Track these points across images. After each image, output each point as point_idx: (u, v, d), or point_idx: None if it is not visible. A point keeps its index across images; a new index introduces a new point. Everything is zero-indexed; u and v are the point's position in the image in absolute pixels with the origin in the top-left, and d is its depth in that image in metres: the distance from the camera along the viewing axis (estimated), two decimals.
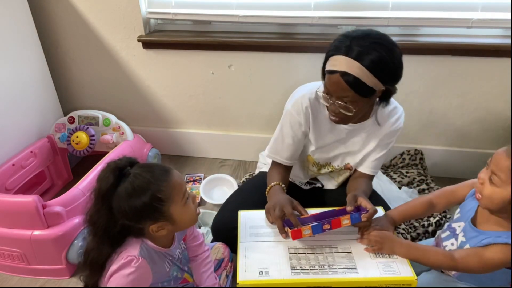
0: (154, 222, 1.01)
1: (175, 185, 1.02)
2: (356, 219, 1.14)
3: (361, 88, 1.12)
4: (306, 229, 1.13)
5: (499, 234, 0.97)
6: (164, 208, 1.00)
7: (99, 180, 0.99)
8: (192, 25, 2.03)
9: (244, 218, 1.28)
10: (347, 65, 1.10)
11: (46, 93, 2.01)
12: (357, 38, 1.11)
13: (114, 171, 0.98)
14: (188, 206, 1.05)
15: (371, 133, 1.36)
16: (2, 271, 1.59)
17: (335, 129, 1.36)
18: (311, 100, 1.32)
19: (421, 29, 1.84)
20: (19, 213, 1.46)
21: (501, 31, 1.76)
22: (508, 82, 1.78)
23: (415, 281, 1.05)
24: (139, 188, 0.97)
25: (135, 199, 0.97)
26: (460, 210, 1.14)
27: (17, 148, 1.83)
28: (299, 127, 1.35)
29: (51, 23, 2.02)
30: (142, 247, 1.04)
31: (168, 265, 1.12)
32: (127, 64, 2.08)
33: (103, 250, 1.01)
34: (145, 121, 2.25)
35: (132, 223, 1.00)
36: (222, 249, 1.36)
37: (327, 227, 1.14)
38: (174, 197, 1.01)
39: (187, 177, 2.10)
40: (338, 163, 1.45)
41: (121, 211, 0.97)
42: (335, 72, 1.12)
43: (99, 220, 0.99)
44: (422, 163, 2.01)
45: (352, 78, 1.10)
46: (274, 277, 1.06)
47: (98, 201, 0.99)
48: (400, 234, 1.57)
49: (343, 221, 1.14)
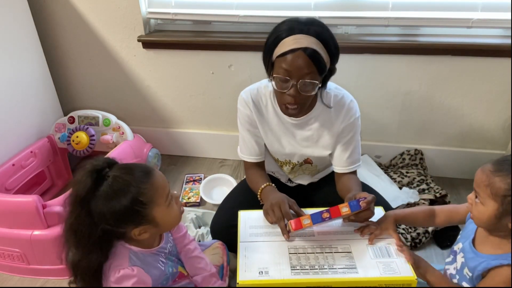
0: (136, 226, 0.96)
1: (158, 187, 0.97)
2: (355, 206, 1.13)
3: (321, 63, 1.15)
4: (305, 219, 1.13)
5: (495, 257, 0.96)
6: (146, 211, 0.95)
7: (75, 184, 0.93)
8: (192, 25, 2.03)
9: (244, 218, 1.28)
10: (307, 41, 1.13)
11: (46, 93, 2.01)
12: (302, 21, 1.17)
13: (91, 173, 0.92)
14: (171, 208, 1.01)
15: (323, 124, 1.34)
16: (2, 271, 1.59)
17: (281, 123, 1.37)
18: (252, 95, 1.37)
19: (421, 29, 1.84)
20: (19, 213, 1.46)
21: (501, 31, 1.75)
22: (508, 82, 1.78)
23: (415, 281, 1.05)
24: (119, 191, 0.92)
25: (115, 202, 0.92)
26: (461, 232, 1.13)
27: (17, 148, 1.83)
28: (249, 119, 1.39)
29: (51, 23, 2.02)
30: (130, 256, 1.00)
31: (162, 263, 1.09)
32: (127, 64, 2.08)
33: (92, 258, 0.95)
34: (145, 121, 2.25)
35: (113, 228, 0.95)
36: (221, 252, 1.34)
37: (326, 216, 1.13)
38: (156, 199, 0.97)
39: (187, 177, 2.10)
40: (297, 159, 1.45)
41: (101, 216, 0.92)
42: (296, 50, 1.13)
43: (79, 227, 0.93)
44: (422, 163, 2.01)
45: (315, 52, 1.13)
46: (274, 277, 1.06)
47: (76, 207, 0.93)
48: (400, 234, 1.57)
49: (342, 208, 1.13)
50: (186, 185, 2.05)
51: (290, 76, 1.16)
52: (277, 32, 1.18)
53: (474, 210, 0.98)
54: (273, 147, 1.43)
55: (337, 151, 1.38)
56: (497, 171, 0.92)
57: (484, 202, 0.94)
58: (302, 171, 1.51)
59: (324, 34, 1.16)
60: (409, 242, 1.59)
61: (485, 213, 0.95)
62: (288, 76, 1.17)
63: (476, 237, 1.04)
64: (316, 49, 1.13)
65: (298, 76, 1.15)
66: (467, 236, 1.06)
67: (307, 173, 1.52)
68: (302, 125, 1.36)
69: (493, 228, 0.98)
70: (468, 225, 1.09)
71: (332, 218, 1.14)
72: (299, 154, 1.42)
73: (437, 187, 1.85)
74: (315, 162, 1.45)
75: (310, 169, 1.49)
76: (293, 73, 1.16)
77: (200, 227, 1.72)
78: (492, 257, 0.97)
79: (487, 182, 0.93)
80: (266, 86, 1.37)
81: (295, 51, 1.13)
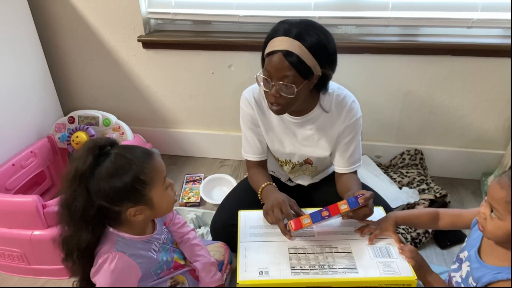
0: (133, 205, 0.98)
1: (158, 168, 1.00)
2: (353, 203, 1.13)
3: (302, 67, 1.13)
4: (305, 218, 1.13)
5: (500, 270, 0.95)
6: (145, 191, 0.97)
7: (75, 160, 0.94)
8: (192, 25, 2.03)
9: (244, 218, 1.28)
10: (288, 44, 1.12)
11: (46, 93, 2.01)
12: (294, 23, 1.16)
13: (93, 149, 0.94)
14: (167, 192, 1.04)
15: (323, 125, 1.35)
16: (2, 271, 1.59)
17: (282, 122, 1.38)
18: (255, 95, 1.37)
19: (421, 29, 1.84)
20: (19, 213, 1.46)
21: (501, 31, 1.75)
22: (508, 82, 1.78)
23: (415, 281, 1.05)
24: (121, 168, 0.94)
25: (116, 179, 0.93)
26: (467, 239, 1.12)
27: (17, 148, 1.83)
28: (251, 117, 1.40)
29: (51, 23, 2.02)
30: (117, 241, 1.01)
31: (154, 252, 1.09)
32: (127, 64, 2.08)
33: (81, 235, 0.96)
34: (145, 121, 2.25)
35: (110, 205, 0.96)
36: (223, 250, 1.35)
37: (326, 214, 1.13)
38: (155, 180, 0.99)
39: (187, 177, 2.10)
40: (297, 159, 1.45)
41: (100, 192, 0.93)
42: (276, 52, 1.13)
43: (74, 202, 0.94)
44: (422, 163, 2.01)
45: (294, 56, 1.12)
46: (274, 277, 1.06)
47: (73, 182, 0.94)
48: (400, 234, 1.57)
49: (341, 206, 1.13)
50: (186, 185, 2.05)
51: (270, 77, 1.17)
52: (271, 31, 1.19)
53: (489, 225, 0.94)
54: (274, 146, 1.43)
55: (338, 151, 1.38)
56: None
57: (502, 218, 0.91)
58: (303, 172, 1.52)
59: (312, 39, 1.13)
60: (409, 242, 1.59)
61: (502, 229, 0.92)
62: (268, 77, 1.18)
63: (482, 247, 1.03)
64: (298, 54, 1.11)
65: (277, 78, 1.16)
66: (473, 245, 1.04)
67: (307, 174, 1.52)
68: (302, 124, 1.36)
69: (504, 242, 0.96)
70: (473, 233, 1.08)
71: (331, 216, 1.14)
72: (299, 154, 1.42)
73: (437, 187, 1.85)
74: (315, 163, 1.45)
75: (310, 170, 1.50)
76: (272, 74, 1.16)
77: (200, 227, 1.72)
78: (497, 269, 0.95)
79: (508, 198, 0.89)
80: None
81: (275, 53, 1.13)
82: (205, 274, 1.20)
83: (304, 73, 1.15)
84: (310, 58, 1.13)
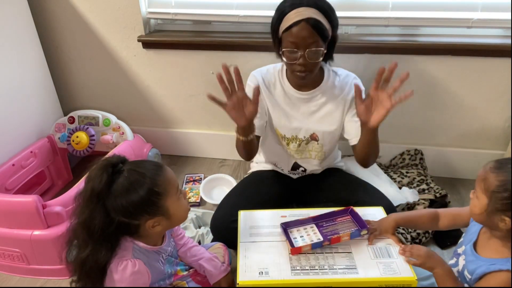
0: (151, 217, 1.01)
1: (170, 179, 1.03)
2: (355, 235, 1.17)
3: (323, 31, 1.25)
4: (305, 247, 1.14)
5: (494, 262, 0.97)
6: (161, 202, 1.00)
7: (90, 180, 0.98)
8: (192, 25, 2.02)
9: (244, 218, 1.28)
10: (307, 13, 1.23)
11: (46, 93, 2.01)
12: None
13: (106, 168, 0.97)
14: (181, 201, 1.07)
15: (328, 100, 1.44)
16: (2, 271, 1.59)
17: (289, 99, 1.46)
18: (262, 74, 1.48)
19: (421, 29, 1.84)
20: (19, 213, 1.46)
21: (501, 31, 1.75)
22: (508, 82, 1.78)
23: (415, 281, 1.05)
24: (136, 183, 0.97)
25: (132, 194, 0.97)
26: (464, 234, 1.13)
27: (17, 148, 1.83)
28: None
29: (51, 23, 2.02)
30: (134, 249, 1.03)
31: (162, 263, 1.12)
32: (127, 64, 2.08)
33: (101, 253, 0.99)
34: (145, 121, 2.25)
35: (129, 220, 0.99)
36: (223, 251, 1.35)
37: (327, 244, 1.16)
38: (169, 191, 1.02)
39: (187, 177, 2.10)
40: (303, 134, 1.48)
41: (118, 208, 0.97)
42: (299, 22, 1.23)
43: (93, 221, 0.97)
44: (422, 163, 2.00)
45: (316, 21, 1.23)
46: (274, 277, 1.06)
47: (91, 202, 0.97)
48: (400, 234, 1.57)
49: (343, 238, 1.16)
50: (186, 185, 2.05)
51: (297, 47, 1.26)
52: (280, 10, 1.29)
53: (471, 204, 1.00)
54: (281, 121, 1.48)
55: (350, 123, 1.45)
56: (496, 168, 0.94)
57: (478, 196, 0.97)
58: (309, 153, 1.53)
59: (323, 4, 1.26)
60: (409, 242, 1.58)
61: (477, 207, 0.97)
62: (296, 48, 1.27)
63: (478, 240, 1.05)
64: (318, 19, 1.23)
65: (305, 46, 1.25)
66: (470, 239, 1.06)
67: (313, 156, 1.53)
68: (308, 99, 1.44)
69: (487, 225, 0.99)
70: (471, 227, 1.09)
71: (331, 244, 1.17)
72: (305, 128, 1.47)
73: (437, 187, 1.85)
74: (321, 139, 1.48)
75: (316, 150, 1.51)
76: (300, 44, 1.25)
77: (200, 227, 1.72)
78: (491, 261, 0.97)
79: (483, 176, 0.95)
80: (275, 67, 1.49)
81: (299, 23, 1.23)
82: (213, 267, 1.24)
83: (324, 36, 1.26)
84: (325, 21, 1.26)
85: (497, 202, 0.92)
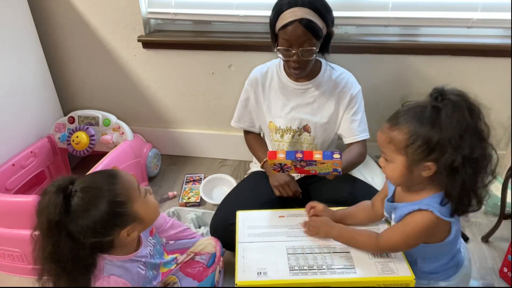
0: (123, 227, 0.96)
1: (128, 183, 0.99)
2: (327, 156, 1.21)
3: (316, 30, 1.30)
4: (280, 153, 1.25)
5: (415, 203, 0.98)
6: (128, 210, 0.96)
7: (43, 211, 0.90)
8: (192, 25, 2.03)
9: (242, 218, 1.28)
10: (300, 13, 1.28)
11: (46, 93, 2.02)
12: None
13: (57, 194, 0.90)
14: (148, 200, 1.03)
15: (323, 94, 1.50)
16: (2, 271, 1.59)
17: (285, 89, 1.52)
18: (261, 73, 1.55)
19: (421, 29, 1.84)
20: (19, 213, 1.46)
21: (501, 31, 1.75)
22: (508, 82, 1.77)
23: (413, 281, 1.05)
24: (94, 200, 0.92)
25: (94, 212, 0.91)
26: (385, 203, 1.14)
27: (17, 148, 1.83)
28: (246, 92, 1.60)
29: (51, 23, 2.02)
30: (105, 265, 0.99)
31: (143, 268, 1.09)
32: (127, 64, 2.08)
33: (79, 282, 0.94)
34: (145, 121, 2.25)
35: (100, 238, 0.94)
36: (214, 242, 1.34)
37: (300, 156, 1.22)
38: (132, 195, 0.98)
39: (187, 177, 2.11)
40: (297, 125, 1.53)
41: (84, 231, 0.91)
42: (293, 22, 1.28)
43: (61, 254, 0.90)
44: None
45: (309, 22, 1.28)
46: (273, 278, 1.06)
47: (51, 235, 0.90)
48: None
49: (315, 154, 1.22)
50: (186, 185, 2.05)
51: (291, 46, 1.33)
52: (277, 7, 1.34)
53: (387, 171, 1.00)
54: (276, 112, 1.54)
55: (346, 122, 1.52)
56: (393, 125, 0.96)
57: (392, 159, 0.96)
58: (301, 144, 1.56)
59: (316, 3, 1.30)
60: None
61: (396, 169, 0.96)
62: (289, 46, 1.33)
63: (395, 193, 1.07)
64: (311, 19, 1.28)
65: (298, 45, 1.32)
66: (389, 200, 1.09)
67: (305, 147, 1.56)
68: (304, 90, 1.50)
69: (409, 183, 0.99)
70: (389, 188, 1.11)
71: (304, 160, 1.22)
72: (299, 119, 1.52)
73: None
74: (313, 131, 1.52)
75: (308, 142, 1.55)
76: (293, 43, 1.32)
77: (200, 227, 1.72)
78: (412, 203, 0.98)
79: (388, 139, 0.95)
80: (274, 61, 1.57)
81: (292, 23, 1.29)
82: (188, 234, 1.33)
83: (317, 35, 1.31)
84: (319, 20, 1.30)
85: (414, 153, 0.91)
